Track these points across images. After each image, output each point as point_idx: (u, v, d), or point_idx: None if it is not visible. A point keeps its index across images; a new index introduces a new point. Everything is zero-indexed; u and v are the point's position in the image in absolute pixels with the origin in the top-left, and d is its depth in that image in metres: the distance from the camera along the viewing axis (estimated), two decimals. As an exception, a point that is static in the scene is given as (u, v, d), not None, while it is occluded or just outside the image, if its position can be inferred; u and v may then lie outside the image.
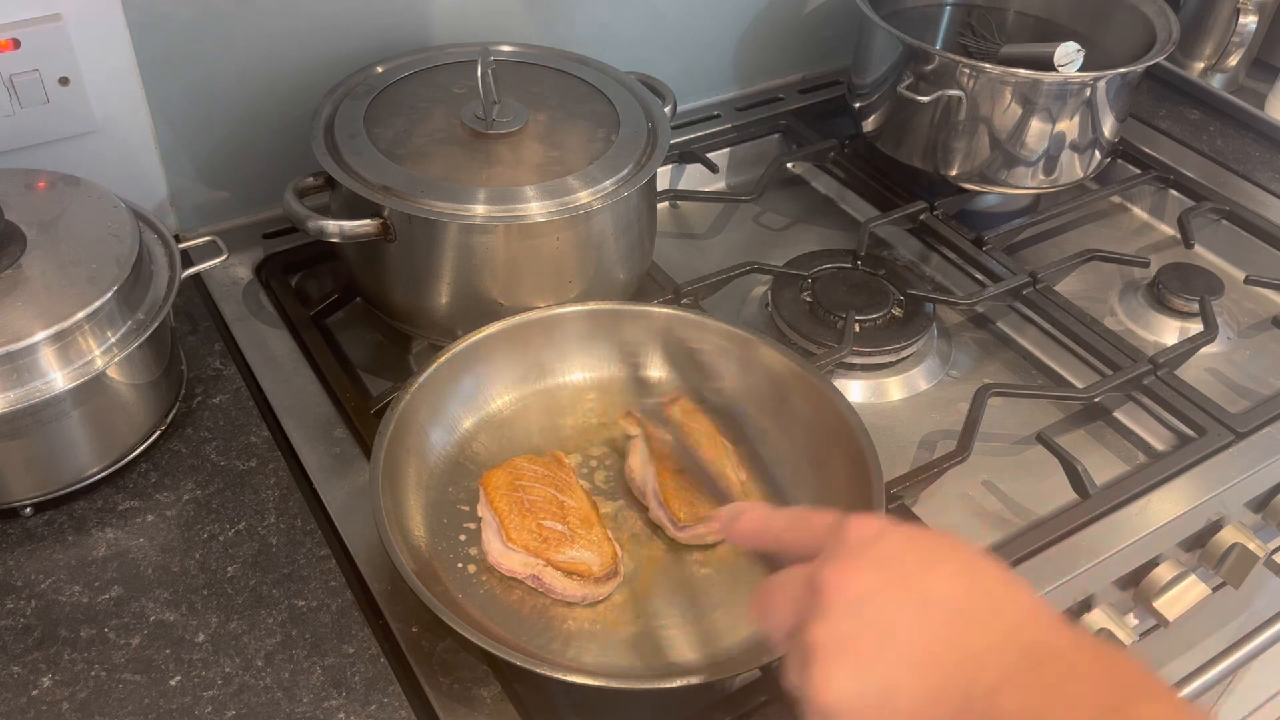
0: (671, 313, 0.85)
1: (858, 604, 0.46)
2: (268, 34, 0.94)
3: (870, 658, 0.46)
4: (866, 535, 0.49)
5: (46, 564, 0.73)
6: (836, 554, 0.49)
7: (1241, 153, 1.22)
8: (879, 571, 0.47)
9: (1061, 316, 0.97)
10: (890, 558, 0.48)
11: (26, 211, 0.75)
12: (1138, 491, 0.82)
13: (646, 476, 0.76)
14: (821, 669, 0.46)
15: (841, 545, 0.49)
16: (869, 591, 0.47)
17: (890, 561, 0.48)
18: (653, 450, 0.76)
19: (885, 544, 0.48)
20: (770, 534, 0.55)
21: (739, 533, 0.56)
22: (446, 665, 0.68)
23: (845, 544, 0.49)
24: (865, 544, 0.48)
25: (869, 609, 0.46)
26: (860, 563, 0.48)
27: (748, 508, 0.57)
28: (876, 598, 0.46)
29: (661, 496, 0.74)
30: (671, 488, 0.74)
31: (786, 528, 0.54)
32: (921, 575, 0.47)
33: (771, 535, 0.55)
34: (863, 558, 0.48)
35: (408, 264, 0.84)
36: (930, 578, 0.47)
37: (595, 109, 0.91)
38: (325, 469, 0.80)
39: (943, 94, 1.01)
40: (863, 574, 0.47)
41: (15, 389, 0.69)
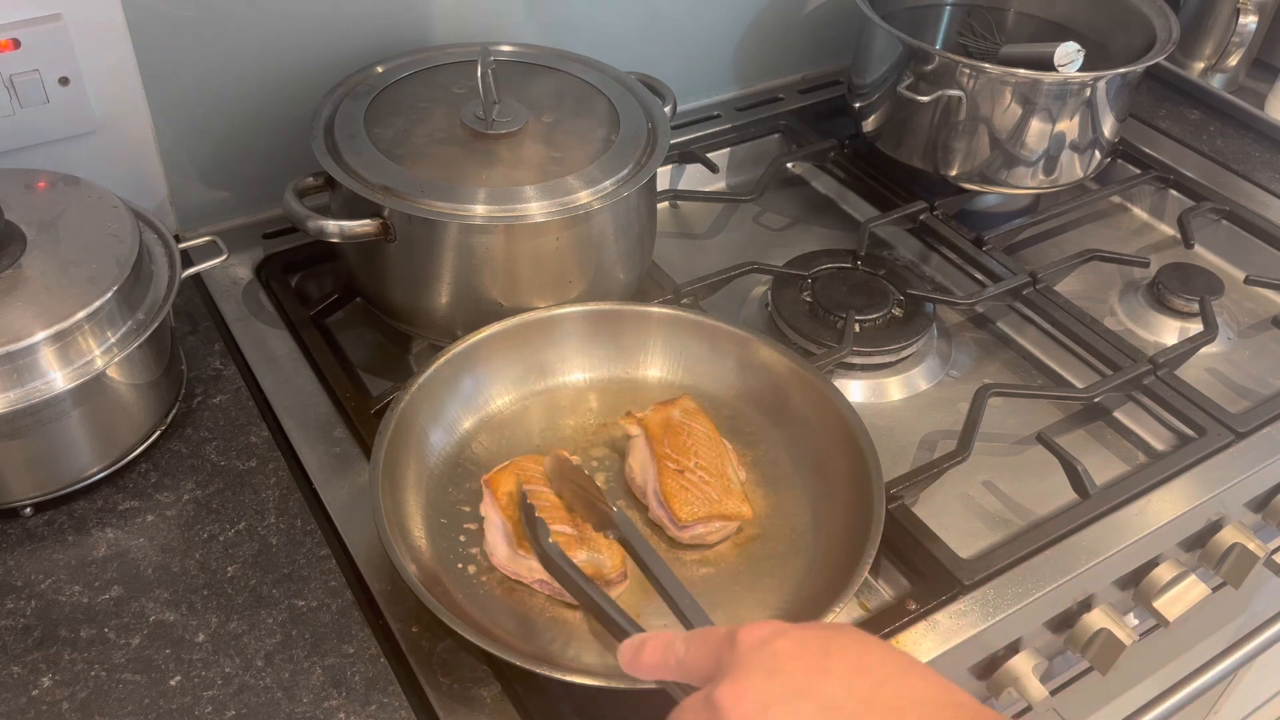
0: (671, 313, 0.85)
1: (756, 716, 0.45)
2: (268, 34, 0.94)
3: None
4: (756, 641, 0.47)
5: (46, 564, 0.73)
6: (729, 669, 0.47)
7: (1241, 153, 1.22)
8: (772, 680, 0.46)
9: (1061, 316, 0.97)
10: (782, 663, 0.46)
11: (26, 211, 0.75)
12: (1138, 491, 0.82)
13: (647, 476, 0.76)
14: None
15: (733, 657, 0.47)
16: (764, 704, 0.45)
17: (783, 667, 0.46)
18: (653, 451, 0.76)
19: (776, 648, 0.47)
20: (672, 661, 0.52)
21: (644, 664, 0.53)
22: (446, 665, 0.68)
23: (736, 655, 0.47)
24: (756, 651, 0.47)
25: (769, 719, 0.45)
26: (752, 673, 0.46)
27: (649, 639, 0.54)
28: (772, 710, 0.45)
29: (662, 496, 0.74)
30: (672, 487, 0.74)
31: (687, 650, 0.51)
32: (816, 677, 0.46)
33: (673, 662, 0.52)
34: (754, 667, 0.46)
35: (408, 264, 0.84)
36: (825, 679, 0.45)
37: (595, 109, 0.91)
38: (325, 469, 0.80)
39: (943, 94, 1.01)
40: (756, 685, 0.46)
41: (15, 389, 0.69)
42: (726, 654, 0.48)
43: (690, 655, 0.51)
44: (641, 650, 0.53)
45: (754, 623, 0.49)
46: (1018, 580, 0.76)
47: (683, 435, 0.76)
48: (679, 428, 0.77)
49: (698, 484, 0.74)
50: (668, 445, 0.76)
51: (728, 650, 0.48)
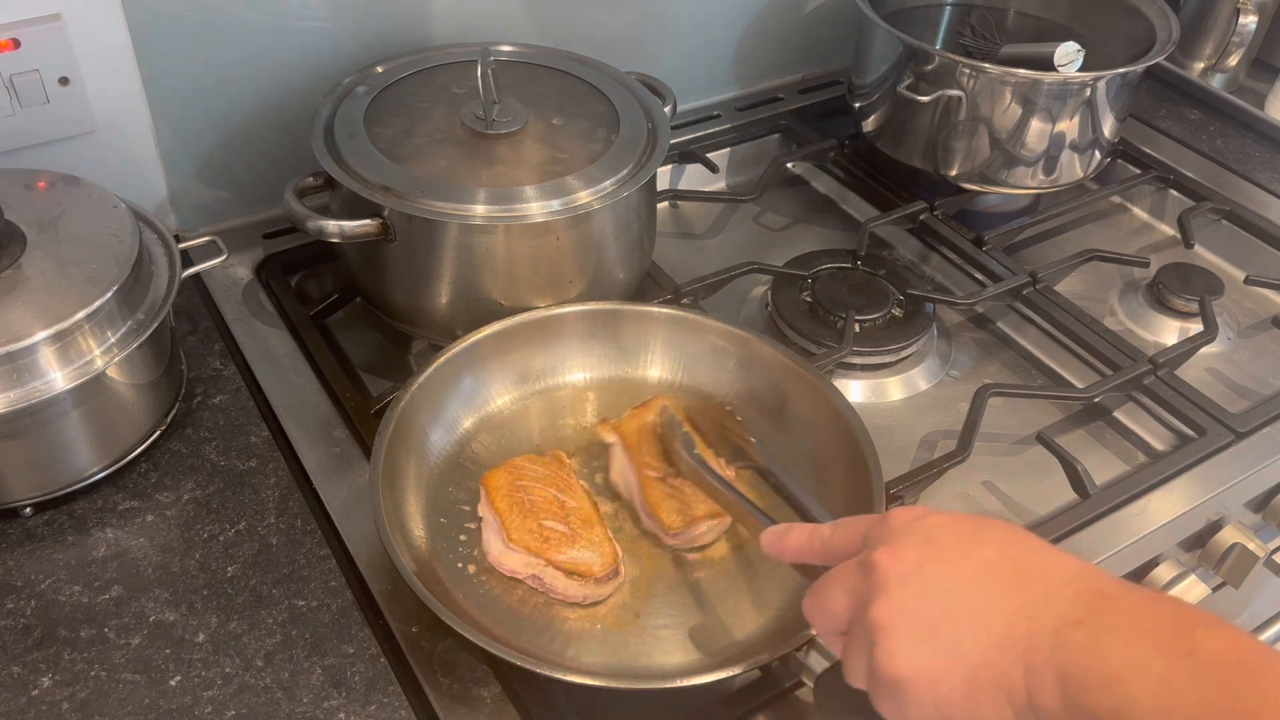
0: (671, 313, 0.85)
1: (911, 575, 0.48)
2: (268, 34, 0.94)
3: (933, 620, 0.47)
4: (910, 517, 0.51)
5: (46, 564, 0.73)
6: (884, 537, 0.51)
7: (1241, 153, 1.22)
8: (927, 544, 0.49)
9: (1061, 316, 0.97)
10: (936, 533, 0.50)
11: (26, 211, 0.75)
12: (1138, 491, 0.82)
13: (630, 486, 0.76)
14: (888, 642, 0.48)
15: (887, 529, 0.51)
16: (920, 563, 0.49)
17: (936, 536, 0.50)
18: (632, 460, 0.76)
19: (929, 523, 0.50)
20: (818, 543, 0.56)
21: (788, 549, 0.58)
22: (446, 665, 0.68)
23: (890, 528, 0.51)
24: (910, 525, 0.51)
25: (923, 578, 0.48)
26: (909, 539, 0.50)
27: (793, 525, 0.59)
28: (929, 567, 0.48)
29: (648, 507, 0.74)
30: (657, 496, 0.73)
31: (834, 532, 0.55)
32: (969, 544, 0.49)
33: (819, 544, 0.56)
34: (910, 535, 0.50)
35: (408, 264, 0.84)
36: (979, 545, 0.49)
37: (595, 109, 0.91)
38: (325, 469, 0.80)
39: (943, 94, 1.01)
40: (912, 549, 0.49)
41: (15, 389, 0.69)
42: (877, 529, 0.52)
43: (836, 538, 0.55)
44: (787, 535, 0.59)
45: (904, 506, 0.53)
46: (1018, 580, 0.76)
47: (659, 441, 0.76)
48: (655, 433, 0.76)
49: (680, 488, 0.74)
50: (646, 453, 0.75)
51: (879, 526, 0.52)
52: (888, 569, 0.49)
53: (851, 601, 0.51)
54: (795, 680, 0.66)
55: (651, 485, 0.74)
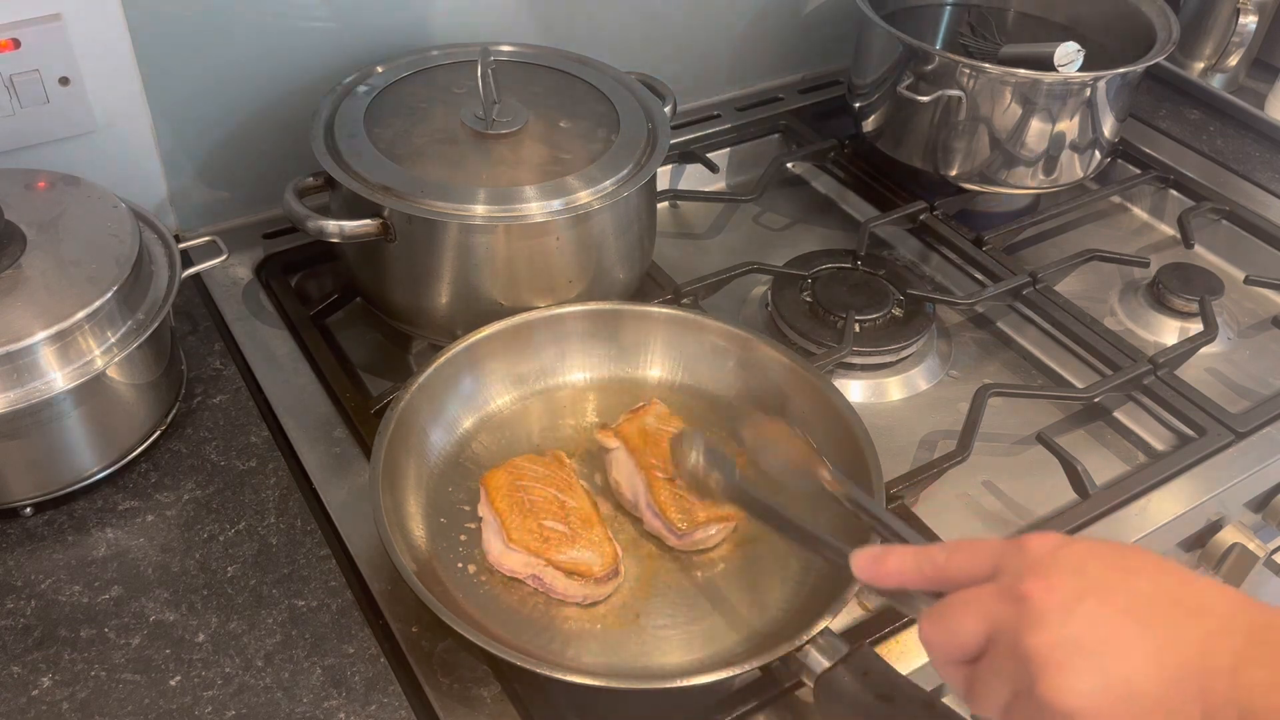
0: (671, 313, 0.85)
1: (1071, 608, 0.46)
2: (268, 34, 0.94)
3: (1104, 654, 0.45)
4: (1051, 546, 0.49)
5: (46, 564, 0.73)
6: (1031, 567, 0.48)
7: (1241, 153, 1.22)
8: (1079, 576, 0.47)
9: (1061, 316, 0.97)
10: (1084, 563, 0.48)
11: (26, 211, 0.75)
12: (1138, 491, 0.82)
13: (636, 489, 0.75)
14: (1055, 675, 0.46)
15: (1030, 559, 0.49)
16: (1078, 595, 0.47)
17: (1086, 566, 0.48)
18: (638, 462, 0.75)
19: (1072, 553, 0.49)
20: (929, 568, 0.53)
21: (889, 572, 0.54)
22: (446, 665, 0.68)
23: (1031, 558, 0.49)
24: (1052, 554, 0.49)
25: (1086, 611, 0.46)
26: (1060, 570, 0.48)
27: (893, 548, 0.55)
28: (1089, 599, 0.46)
29: (657, 507, 0.73)
30: (665, 497, 0.73)
31: (948, 559, 0.53)
32: (1121, 575, 0.48)
33: (930, 569, 0.53)
34: (1058, 566, 0.48)
35: (408, 264, 0.84)
36: (1131, 576, 0.47)
37: (595, 109, 0.91)
38: (325, 469, 0.80)
39: (943, 94, 1.01)
40: (1066, 580, 0.47)
41: (15, 389, 0.69)
42: (1014, 558, 0.49)
43: (956, 561, 0.52)
44: (887, 557, 0.55)
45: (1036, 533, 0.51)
46: (1018, 580, 0.76)
47: (663, 442, 0.76)
48: (657, 435, 0.76)
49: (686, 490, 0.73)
50: (650, 454, 0.75)
51: (1015, 554, 0.50)
52: (1044, 599, 0.47)
53: (990, 630, 0.48)
54: (795, 680, 0.66)
55: (660, 486, 0.74)
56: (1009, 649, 0.47)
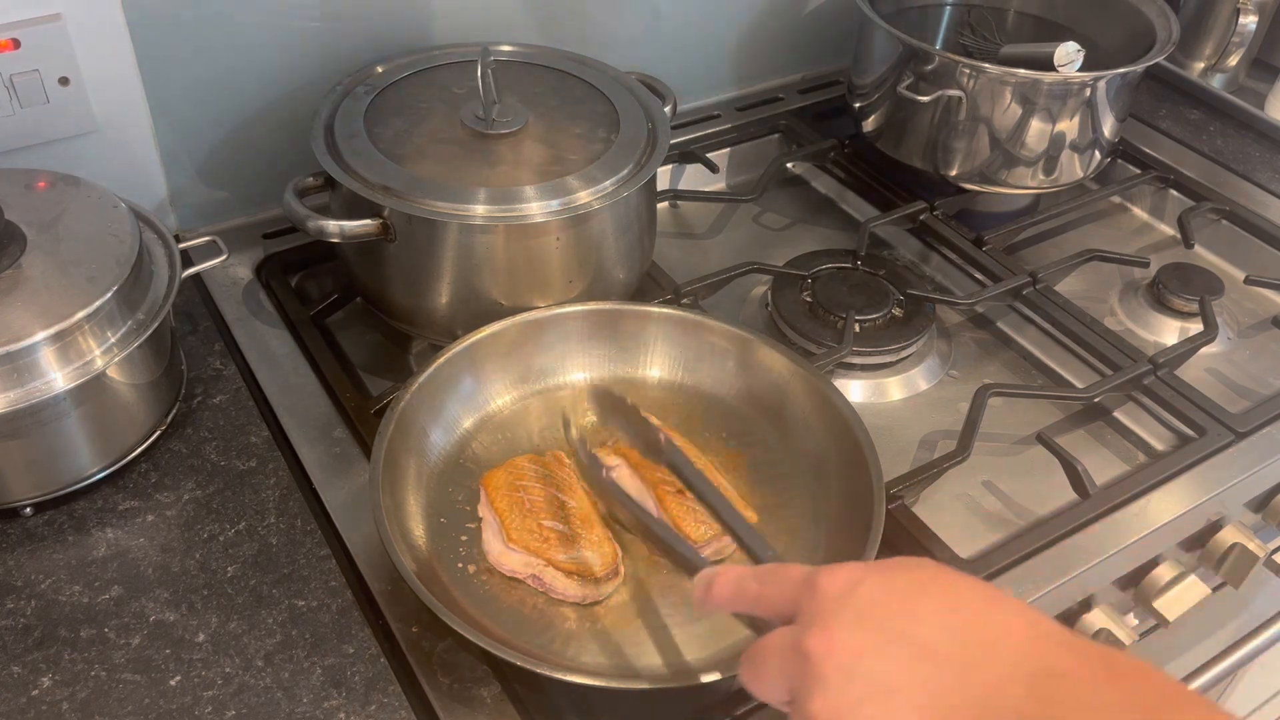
0: (671, 313, 0.85)
1: (850, 668, 0.45)
2: (268, 34, 0.94)
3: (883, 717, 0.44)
4: (840, 588, 0.47)
5: (46, 564, 0.73)
6: (815, 617, 0.47)
7: (1241, 153, 1.22)
8: (862, 628, 0.46)
9: (1061, 316, 0.97)
10: (870, 610, 0.46)
11: (26, 211, 0.75)
12: (1138, 491, 0.82)
13: (646, 504, 0.74)
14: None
15: (818, 605, 0.47)
16: (858, 653, 0.45)
17: (871, 614, 0.46)
18: (644, 477, 0.75)
19: (862, 595, 0.47)
20: (747, 596, 0.52)
21: (715, 599, 0.54)
22: (446, 665, 0.68)
23: (821, 603, 0.47)
24: (841, 599, 0.47)
25: (864, 671, 0.45)
26: (841, 622, 0.46)
27: (721, 571, 0.54)
28: (867, 658, 0.45)
29: (671, 522, 0.72)
30: (678, 511, 0.72)
31: (761, 588, 0.52)
32: (905, 621, 0.46)
33: (748, 597, 0.52)
34: (841, 615, 0.46)
35: (408, 264, 0.84)
36: (915, 623, 0.45)
37: (595, 109, 0.91)
38: (325, 469, 0.80)
39: (943, 94, 1.01)
40: (847, 635, 0.46)
41: (15, 389, 0.69)
42: (808, 600, 0.48)
43: (766, 592, 0.51)
44: (714, 583, 0.54)
45: (832, 567, 0.48)
46: (1017, 580, 0.76)
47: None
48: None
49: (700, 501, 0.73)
50: (655, 469, 0.74)
51: (808, 597, 0.48)
52: (823, 659, 0.45)
53: (788, 683, 0.47)
54: (795, 680, 0.66)
55: (671, 499, 0.73)
56: (800, 709, 0.46)
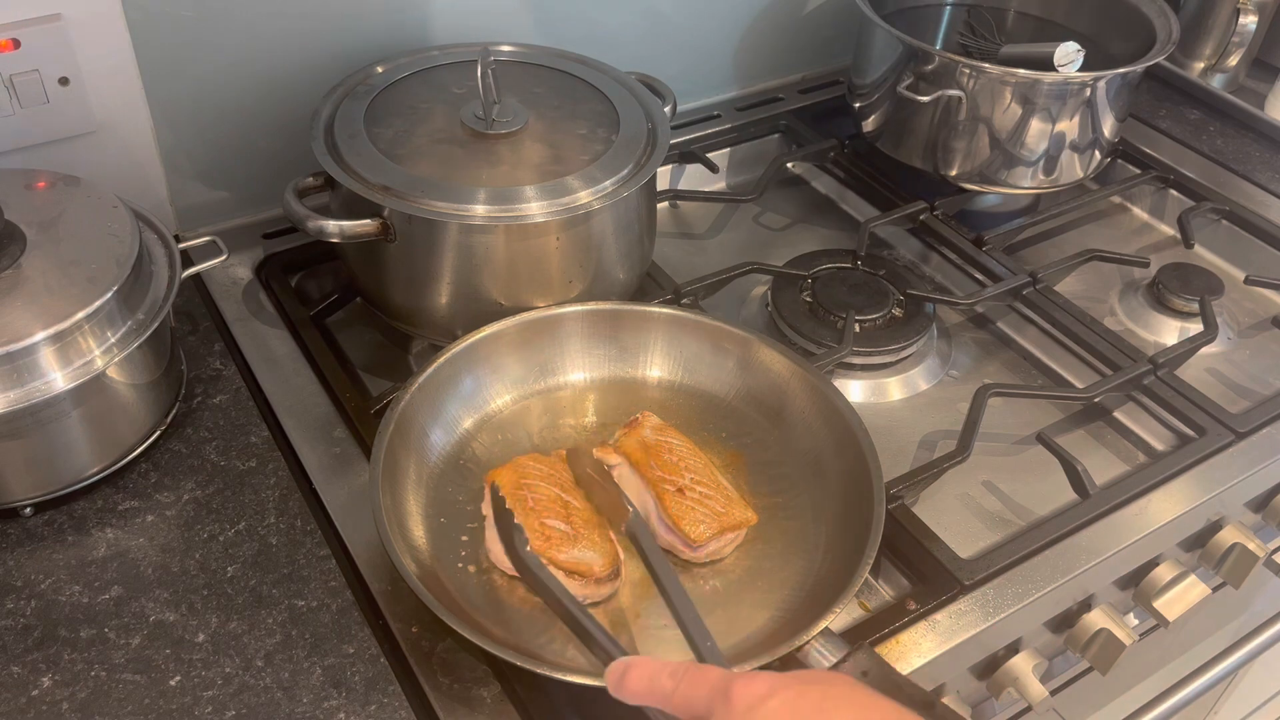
0: (671, 313, 0.85)
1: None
2: (268, 34, 0.94)
3: None
4: (752, 700, 0.47)
5: (46, 564, 0.73)
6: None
7: (1241, 153, 1.22)
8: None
9: (1061, 316, 0.97)
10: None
11: (26, 211, 0.75)
12: (1138, 491, 0.82)
13: (646, 503, 0.75)
14: None
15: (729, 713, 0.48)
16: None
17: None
18: (644, 476, 0.75)
19: (771, 708, 0.47)
20: (659, 692, 0.52)
21: (628, 691, 0.54)
22: (446, 665, 0.68)
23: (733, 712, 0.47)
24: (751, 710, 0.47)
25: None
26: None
27: (636, 663, 0.54)
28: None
29: (670, 520, 0.73)
30: (678, 510, 0.72)
31: (675, 688, 0.51)
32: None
33: (660, 693, 0.52)
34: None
35: (408, 264, 0.84)
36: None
37: (595, 109, 0.91)
38: (325, 469, 0.80)
39: (943, 94, 1.01)
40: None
41: (15, 389, 0.69)
42: (720, 707, 0.48)
43: (680, 692, 0.51)
44: (627, 675, 0.54)
45: (748, 676, 0.49)
46: (1018, 580, 0.76)
47: (665, 453, 0.75)
48: (659, 446, 0.76)
49: (700, 500, 0.73)
50: (656, 467, 0.74)
51: (721, 704, 0.48)
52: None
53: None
54: (795, 680, 0.66)
55: (670, 498, 0.73)
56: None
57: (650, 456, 0.75)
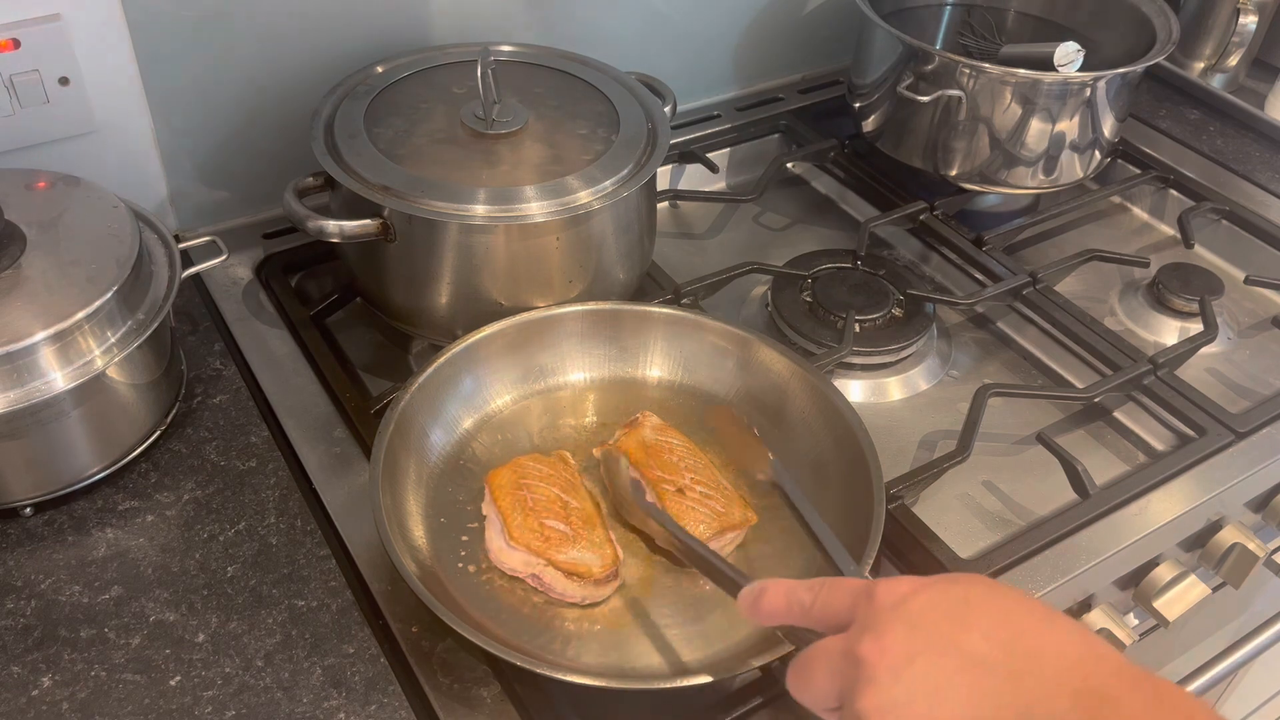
0: (671, 313, 0.85)
1: (900, 670, 0.46)
2: (268, 34, 0.94)
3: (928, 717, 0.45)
4: (896, 598, 0.49)
5: (46, 564, 0.73)
6: (870, 622, 0.48)
7: (1241, 153, 1.22)
8: (915, 634, 0.47)
9: (1061, 316, 0.97)
10: (923, 618, 0.48)
11: (26, 211, 0.75)
12: (1138, 491, 0.82)
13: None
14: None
15: (873, 612, 0.49)
16: (909, 656, 0.46)
17: (924, 622, 0.47)
18: (645, 475, 0.75)
19: (916, 604, 0.48)
20: (797, 609, 0.53)
21: (764, 611, 0.55)
22: (446, 665, 0.68)
23: (876, 610, 0.49)
24: (896, 607, 0.48)
25: (913, 673, 0.46)
26: (895, 627, 0.48)
27: (770, 585, 0.55)
28: (918, 661, 0.46)
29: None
30: (678, 510, 0.72)
31: (814, 600, 0.53)
32: (957, 630, 0.47)
33: (799, 610, 0.53)
34: (896, 622, 0.48)
35: (408, 264, 0.84)
36: (966, 631, 0.47)
37: (595, 109, 0.91)
38: (325, 469, 0.80)
39: (943, 94, 1.01)
40: (900, 639, 0.47)
41: (15, 389, 0.69)
42: (864, 608, 0.49)
43: (819, 603, 0.52)
44: (763, 596, 0.55)
45: (890, 579, 0.50)
46: (1018, 580, 0.76)
47: (665, 453, 0.75)
48: (659, 446, 0.76)
49: (701, 500, 0.73)
50: (656, 467, 0.74)
51: (864, 604, 0.49)
52: (875, 662, 0.47)
53: (837, 687, 0.49)
54: (795, 680, 0.66)
55: (671, 498, 0.73)
56: (849, 710, 0.47)
57: (650, 456, 0.75)
